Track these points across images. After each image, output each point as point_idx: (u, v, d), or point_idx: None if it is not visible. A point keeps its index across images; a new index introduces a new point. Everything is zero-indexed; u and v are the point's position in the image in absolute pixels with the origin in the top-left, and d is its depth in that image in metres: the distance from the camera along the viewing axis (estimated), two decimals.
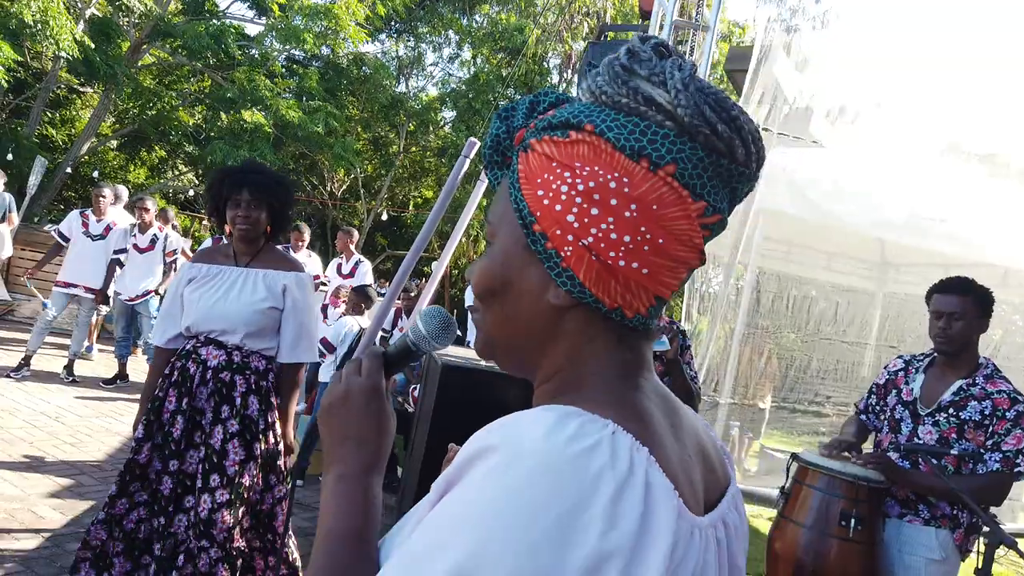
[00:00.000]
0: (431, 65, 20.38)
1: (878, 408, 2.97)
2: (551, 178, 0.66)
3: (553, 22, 16.97)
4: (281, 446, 2.85)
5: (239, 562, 2.65)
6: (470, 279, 0.76)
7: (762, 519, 6.14)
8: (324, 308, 7.06)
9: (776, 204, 5.77)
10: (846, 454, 2.82)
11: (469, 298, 7.73)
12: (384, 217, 16.85)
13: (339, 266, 7.50)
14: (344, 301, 6.71)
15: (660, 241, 0.65)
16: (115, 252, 6.89)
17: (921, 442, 2.68)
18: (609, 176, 0.64)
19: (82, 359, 7.20)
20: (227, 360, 2.74)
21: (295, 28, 13.58)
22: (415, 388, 5.98)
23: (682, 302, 7.23)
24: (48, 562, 3.26)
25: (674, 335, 3.20)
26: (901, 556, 2.66)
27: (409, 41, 19.30)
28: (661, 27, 4.49)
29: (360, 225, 17.50)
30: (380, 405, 0.83)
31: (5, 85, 11.34)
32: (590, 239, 0.65)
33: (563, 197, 0.65)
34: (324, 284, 7.55)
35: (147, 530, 2.65)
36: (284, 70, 16.06)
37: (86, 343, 7.57)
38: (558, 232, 0.66)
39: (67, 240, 6.90)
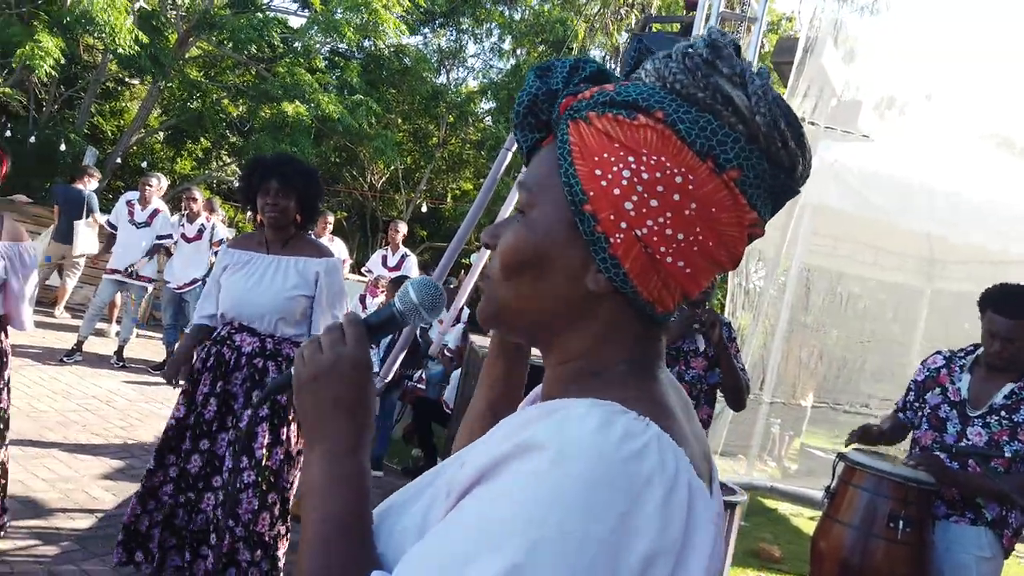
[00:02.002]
0: (472, 57, 20.42)
1: (916, 405, 2.91)
2: (612, 159, 0.63)
3: (596, 14, 16.86)
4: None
5: (260, 545, 2.73)
6: (491, 244, 0.73)
7: (803, 518, 6.07)
8: (362, 298, 7.14)
9: (823, 199, 5.66)
10: (892, 453, 2.79)
11: None
12: (424, 209, 16.94)
13: (384, 258, 7.58)
14: (382, 291, 6.79)
15: (709, 244, 0.64)
16: (158, 237, 7.06)
17: (971, 444, 2.64)
18: (675, 170, 0.62)
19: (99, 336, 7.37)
20: (260, 346, 2.84)
21: (336, 21, 13.71)
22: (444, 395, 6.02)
23: (725, 297, 7.16)
24: (102, 541, 3.36)
25: (718, 326, 3.16)
26: (950, 555, 2.63)
27: (451, 34, 19.34)
28: (707, 19, 4.43)
29: (399, 217, 17.62)
30: (368, 376, 0.78)
31: (55, 76, 11.64)
32: (644, 230, 0.63)
33: (623, 182, 0.63)
34: (364, 275, 7.64)
35: (171, 504, 2.77)
36: (326, 63, 16.22)
37: (111, 326, 7.76)
38: (611, 217, 0.63)
39: (114, 227, 7.08)
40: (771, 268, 6.41)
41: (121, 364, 6.85)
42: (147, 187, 7.07)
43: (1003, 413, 2.61)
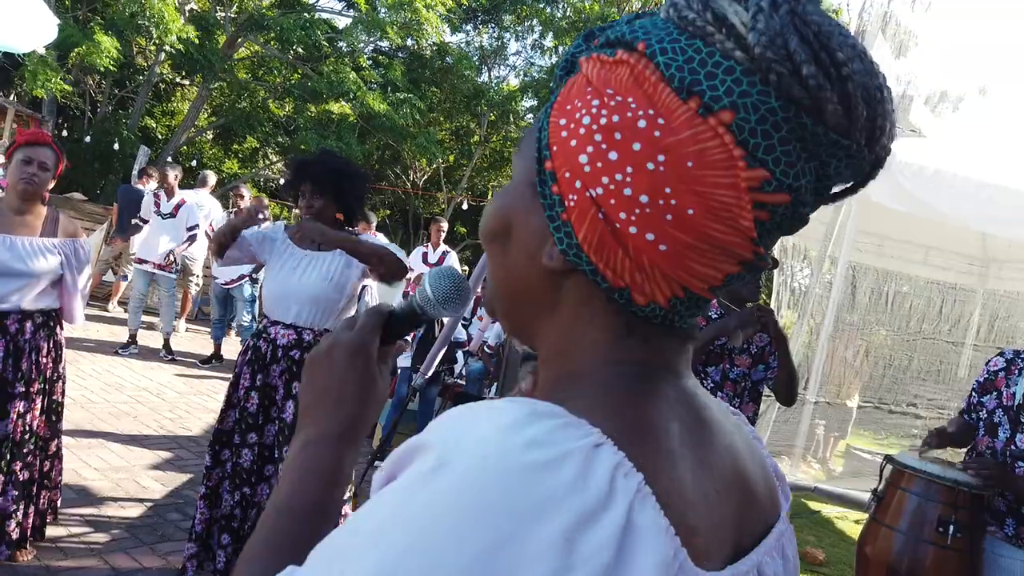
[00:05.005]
0: (513, 55, 20.47)
1: (979, 407, 2.80)
2: (580, 105, 0.50)
3: (638, 10, 16.73)
4: None
5: None
6: None
7: (848, 521, 5.95)
8: (405, 295, 7.20)
9: (870, 195, 5.53)
10: (944, 457, 2.72)
11: None
12: (464, 206, 17.03)
13: (424, 255, 7.64)
14: None
15: (689, 211, 0.47)
16: (188, 228, 7.19)
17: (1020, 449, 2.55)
18: (641, 112, 0.47)
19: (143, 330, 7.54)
20: (296, 339, 2.87)
21: (379, 20, 13.86)
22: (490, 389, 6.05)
23: (770, 296, 7.06)
24: (150, 530, 3.46)
25: (774, 319, 3.11)
26: (997, 559, 2.55)
27: (492, 31, 19.40)
28: None
29: (441, 214, 17.75)
30: (366, 365, 0.71)
31: (111, 73, 12.00)
32: (600, 189, 0.48)
33: (581, 131, 0.49)
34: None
35: (230, 504, 2.82)
36: (370, 62, 16.42)
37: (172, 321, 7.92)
38: (567, 175, 0.50)
39: (145, 221, 7.24)
40: (816, 266, 6.29)
41: (170, 357, 7.01)
42: (167, 180, 7.18)
43: None
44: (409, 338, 5.43)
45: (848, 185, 0.53)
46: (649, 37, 0.49)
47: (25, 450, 2.89)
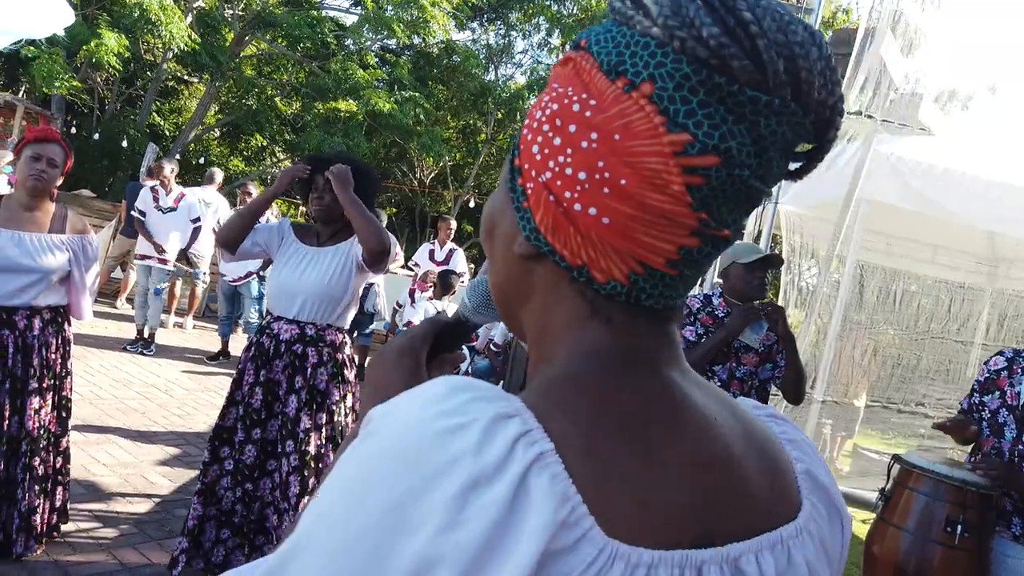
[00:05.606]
0: (520, 53, 20.47)
1: (981, 406, 2.79)
2: (537, 104, 0.57)
3: None
4: (349, 419, 2.94)
5: None
6: None
7: (855, 520, 5.93)
8: (412, 292, 7.21)
9: (878, 195, 5.52)
10: (952, 456, 2.69)
11: None
12: (471, 204, 17.05)
13: (431, 252, 7.64)
14: (431, 285, 6.87)
15: (622, 182, 0.51)
16: (192, 221, 7.21)
17: None
18: (575, 97, 0.53)
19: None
20: (299, 334, 2.88)
21: (386, 18, 13.88)
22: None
23: (777, 295, 7.04)
24: (158, 525, 3.48)
25: (783, 317, 3.09)
26: (1004, 559, 2.54)
27: (500, 29, 19.40)
28: None
29: (448, 212, 17.76)
30: (412, 366, 0.76)
31: (118, 72, 12.05)
32: (548, 174, 0.54)
33: (535, 125, 0.56)
34: (412, 268, 7.72)
35: (231, 500, 2.83)
36: (377, 60, 16.44)
37: (163, 317, 7.92)
38: (526, 166, 0.56)
39: (142, 213, 7.21)
40: (824, 265, 6.26)
41: (140, 351, 6.86)
42: (162, 173, 7.18)
43: None
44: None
45: (810, 154, 0.55)
46: (590, 34, 0.55)
47: (40, 446, 2.92)
